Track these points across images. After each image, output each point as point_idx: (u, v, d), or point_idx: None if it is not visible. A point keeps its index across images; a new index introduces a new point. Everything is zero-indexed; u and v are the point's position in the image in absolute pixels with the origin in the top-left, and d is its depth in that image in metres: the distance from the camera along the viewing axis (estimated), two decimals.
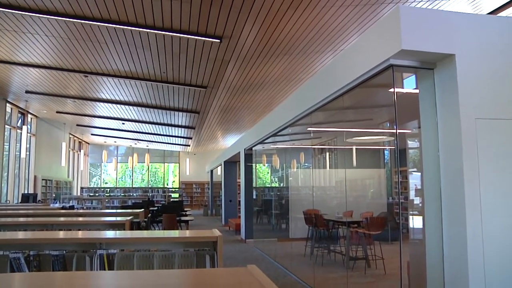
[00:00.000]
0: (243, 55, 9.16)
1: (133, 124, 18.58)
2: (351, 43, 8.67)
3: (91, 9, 7.21)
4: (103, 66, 10.39)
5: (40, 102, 15.42)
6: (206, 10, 7.04)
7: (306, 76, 10.92)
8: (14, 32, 8.40)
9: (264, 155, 12.88)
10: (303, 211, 8.73)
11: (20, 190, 17.06)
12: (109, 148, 28.54)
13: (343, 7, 7.02)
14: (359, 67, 4.34)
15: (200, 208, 26.89)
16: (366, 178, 10.15)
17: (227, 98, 13.04)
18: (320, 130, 8.21)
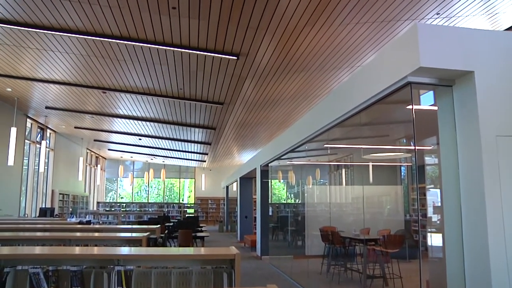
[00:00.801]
0: (259, 72, 9.22)
1: (150, 139, 18.72)
2: (367, 60, 8.68)
3: (111, 27, 7.34)
4: (121, 82, 10.53)
5: (59, 118, 15.65)
6: (224, 27, 7.12)
7: (323, 93, 10.93)
8: (37, 50, 8.58)
9: (279, 171, 12.87)
10: (319, 228, 8.67)
11: (38, 204, 17.24)
12: (125, 163, 28.76)
13: (359, 24, 7.05)
14: (377, 84, 4.33)
15: (215, 224, 26.84)
16: (382, 195, 10.05)
17: (244, 115, 13.09)
18: (337, 147, 8.20)
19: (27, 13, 6.94)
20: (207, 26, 7.11)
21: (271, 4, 6.33)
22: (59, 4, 6.58)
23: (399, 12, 6.64)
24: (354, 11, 6.55)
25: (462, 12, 6.80)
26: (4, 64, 9.64)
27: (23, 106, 13.82)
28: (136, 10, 6.65)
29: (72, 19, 7.07)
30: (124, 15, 6.85)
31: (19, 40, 8.13)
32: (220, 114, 13.06)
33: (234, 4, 6.36)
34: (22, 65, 9.61)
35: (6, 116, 13.49)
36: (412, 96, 3.88)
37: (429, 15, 6.82)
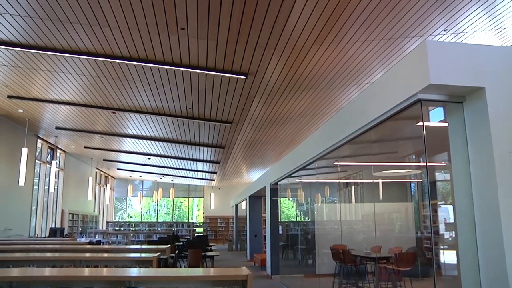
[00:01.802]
0: (268, 91, 9.26)
1: (159, 159, 18.77)
2: (375, 78, 8.70)
3: (121, 49, 7.43)
4: (130, 102, 10.61)
5: (69, 138, 15.77)
6: (232, 47, 7.18)
7: (331, 111, 10.94)
8: (48, 72, 8.69)
9: (288, 189, 12.80)
10: (330, 246, 8.58)
11: (48, 224, 17.27)
12: (134, 182, 28.82)
13: (367, 42, 7.08)
14: (386, 102, 4.33)
15: (224, 242, 26.70)
16: (393, 212, 9.96)
17: (252, 133, 13.11)
18: (347, 165, 8.16)
19: (39, 36, 7.05)
20: (215, 46, 7.17)
21: (279, 23, 6.39)
22: (70, 27, 6.68)
23: (407, 29, 6.67)
24: (362, 29, 6.59)
25: (470, 28, 6.81)
26: (16, 86, 9.77)
27: (34, 127, 13.95)
28: (146, 32, 6.74)
29: (83, 41, 7.17)
30: (133, 37, 6.93)
31: (31, 63, 8.25)
32: (228, 133, 13.10)
33: (243, 24, 6.42)
34: (34, 86, 9.73)
35: (18, 137, 13.62)
36: (423, 113, 3.87)
37: (436, 31, 6.84)
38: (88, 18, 6.37)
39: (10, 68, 8.63)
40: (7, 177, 13.28)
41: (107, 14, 6.25)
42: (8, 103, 11.25)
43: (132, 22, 6.45)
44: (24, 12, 6.27)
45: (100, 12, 6.18)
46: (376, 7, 5.93)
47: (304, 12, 6.08)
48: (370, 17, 6.23)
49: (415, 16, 6.26)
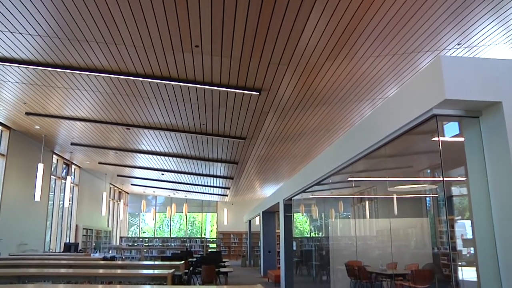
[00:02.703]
0: (281, 106, 9.29)
1: (172, 174, 18.84)
2: (388, 93, 8.68)
3: (135, 66, 7.53)
4: (144, 119, 10.71)
5: (84, 154, 15.93)
6: (246, 64, 7.24)
7: (345, 126, 10.92)
8: (64, 89, 8.82)
9: (302, 204, 12.75)
10: (344, 263, 8.50)
11: (63, 239, 17.37)
12: (147, 197, 28.92)
13: (380, 57, 7.08)
14: (401, 117, 4.31)
15: (238, 258, 26.58)
16: (408, 227, 9.84)
17: (266, 149, 13.13)
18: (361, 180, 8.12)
19: (57, 54, 7.18)
20: (229, 63, 7.23)
21: (293, 40, 6.43)
22: (86, 46, 6.79)
23: (420, 43, 6.66)
24: (375, 44, 6.61)
25: (484, 42, 6.78)
26: (34, 103, 9.93)
27: (50, 142, 14.13)
28: (160, 49, 6.83)
29: (98, 58, 7.29)
30: (148, 54, 7.02)
31: (48, 80, 8.38)
32: (242, 149, 13.12)
33: (256, 41, 6.48)
34: (50, 103, 9.88)
35: (34, 152, 13.79)
36: (438, 128, 3.85)
37: (450, 45, 6.83)
38: (104, 36, 6.48)
39: (28, 86, 8.78)
40: (23, 192, 13.43)
41: (123, 33, 6.35)
42: (26, 120, 11.44)
43: (147, 40, 6.54)
44: (43, 32, 6.40)
45: (116, 31, 6.28)
46: (389, 22, 5.95)
47: (317, 29, 6.12)
48: (383, 32, 6.25)
49: (428, 31, 6.25)
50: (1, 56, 7.40)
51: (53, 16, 5.95)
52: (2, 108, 10.50)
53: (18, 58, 7.45)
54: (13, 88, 9.00)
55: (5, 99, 9.80)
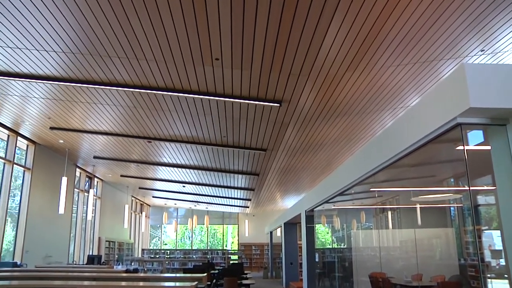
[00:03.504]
0: (302, 118, 9.28)
1: (193, 186, 18.91)
2: (410, 102, 8.60)
3: (156, 80, 7.62)
4: (166, 131, 10.80)
5: (106, 167, 16.12)
6: (266, 76, 7.26)
7: (365, 136, 10.84)
8: (87, 103, 8.96)
9: (323, 215, 12.66)
10: (368, 274, 8.38)
11: (86, 251, 17.55)
12: (169, 210, 29.05)
13: (401, 66, 7.03)
14: (424, 126, 4.26)
15: (259, 270, 26.45)
16: (432, 238, 9.67)
17: (286, 160, 13.10)
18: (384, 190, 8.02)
19: (80, 70, 7.32)
20: (249, 75, 7.27)
21: (313, 51, 6.44)
22: (108, 61, 6.91)
23: (442, 51, 6.58)
24: (395, 54, 6.56)
25: (509, 47, 6.66)
26: (58, 118, 10.11)
27: (73, 156, 14.34)
28: (181, 63, 6.90)
29: (120, 73, 7.40)
30: (169, 68, 7.11)
31: (71, 95, 8.53)
32: (263, 160, 13.12)
33: (276, 53, 6.50)
34: (73, 118, 10.04)
35: (58, 166, 14.02)
36: (463, 137, 3.79)
37: (473, 52, 6.73)
38: (126, 51, 6.58)
39: (52, 101, 8.95)
40: (48, 205, 13.64)
41: (144, 48, 6.44)
42: (50, 134, 11.65)
43: (168, 54, 6.62)
44: (67, 48, 6.54)
45: (137, 45, 6.38)
46: (409, 31, 5.91)
47: (337, 39, 6.12)
48: (403, 42, 6.20)
49: (450, 38, 6.18)
50: (28, 73, 7.58)
51: (77, 33, 6.08)
52: (28, 123, 10.72)
53: (44, 75, 7.61)
54: (38, 104, 9.19)
55: (30, 115, 10.01)
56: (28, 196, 12.56)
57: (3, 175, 11.68)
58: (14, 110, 9.78)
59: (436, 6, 5.31)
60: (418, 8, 5.34)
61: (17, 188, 12.66)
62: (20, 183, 12.72)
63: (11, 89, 8.39)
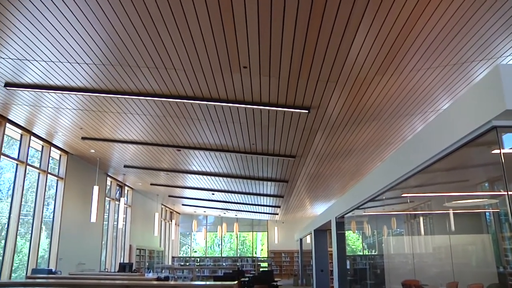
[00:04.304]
0: (331, 123, 9.20)
1: (222, 194, 18.97)
2: (440, 105, 8.44)
3: (185, 89, 7.69)
4: (195, 140, 10.88)
5: (136, 175, 16.32)
6: (294, 82, 7.24)
7: (395, 141, 10.68)
8: (117, 113, 9.11)
9: (353, 222, 12.50)
10: (401, 282, 8.21)
11: (117, 259, 17.78)
12: (198, 217, 29.20)
13: (431, 69, 6.90)
14: (457, 130, 4.16)
15: (289, 277, 26.29)
16: (467, 244, 9.41)
17: (315, 166, 13.01)
18: (416, 196, 7.87)
19: (110, 81, 7.45)
20: (277, 82, 7.26)
21: (341, 56, 6.38)
22: (138, 71, 7.01)
23: (473, 52, 6.43)
24: (425, 57, 6.44)
25: None
26: (89, 128, 10.31)
27: (104, 165, 14.59)
28: (209, 72, 6.94)
29: (149, 83, 7.49)
30: (197, 77, 7.16)
31: (102, 106, 8.69)
32: (292, 167, 13.07)
33: (304, 59, 6.48)
34: (104, 127, 10.22)
35: (90, 175, 14.28)
36: (499, 140, 3.67)
37: (507, 52, 6.53)
38: (155, 61, 6.66)
39: (84, 112, 9.14)
40: (80, 213, 13.90)
41: (173, 57, 6.51)
42: (82, 144, 11.88)
43: (197, 63, 6.67)
44: (98, 60, 6.67)
45: (166, 55, 6.45)
46: (439, 33, 5.79)
47: (365, 44, 6.05)
48: (433, 44, 6.09)
49: (482, 39, 6.02)
50: (61, 85, 7.76)
51: (107, 44, 6.20)
52: (61, 134, 10.97)
53: (76, 86, 7.78)
54: (71, 115, 9.39)
55: (63, 125, 10.24)
56: (61, 205, 12.83)
57: (38, 184, 11.97)
58: (48, 121, 10.02)
59: (467, 7, 5.19)
60: (448, 9, 5.24)
61: (51, 197, 12.94)
62: (54, 192, 13.00)
63: (45, 101, 8.60)
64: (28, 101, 8.69)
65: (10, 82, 7.79)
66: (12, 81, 7.75)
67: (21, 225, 10.93)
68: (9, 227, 10.48)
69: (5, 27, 5.88)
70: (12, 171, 10.93)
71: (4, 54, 6.70)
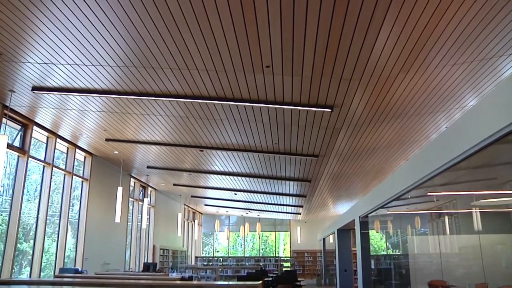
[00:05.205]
0: (354, 122, 9.12)
1: (245, 194, 18.99)
2: (466, 102, 8.28)
3: (208, 89, 7.70)
4: (217, 140, 10.91)
5: (159, 176, 16.46)
6: (317, 81, 7.19)
7: (419, 139, 10.53)
8: (140, 115, 9.19)
9: (377, 221, 12.37)
10: (427, 282, 8.08)
11: (141, 259, 17.96)
12: (221, 217, 29.31)
13: (457, 65, 6.77)
14: (486, 127, 4.07)
15: (312, 277, 26.19)
16: (495, 244, 9.21)
17: (338, 166, 12.92)
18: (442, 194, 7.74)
19: (133, 82, 7.52)
20: (300, 81, 7.22)
21: (364, 54, 6.32)
22: (161, 72, 7.05)
23: (502, 47, 6.25)
24: (450, 52, 6.32)
25: None
26: (113, 130, 10.43)
27: (127, 166, 14.74)
28: (232, 72, 6.94)
29: (172, 84, 7.53)
30: (220, 77, 7.17)
31: (125, 107, 8.78)
32: (315, 167, 13.00)
33: (327, 58, 6.43)
34: (128, 129, 10.32)
35: (114, 176, 14.46)
36: None
37: None
38: (177, 62, 6.70)
39: (107, 114, 9.24)
40: (105, 214, 14.08)
41: (195, 58, 6.53)
42: (106, 146, 12.03)
43: (219, 63, 6.68)
44: (121, 62, 6.73)
45: (188, 56, 6.47)
46: (465, 29, 5.67)
47: (389, 41, 5.97)
48: (459, 39, 5.96)
49: (511, 33, 5.88)
50: (85, 88, 7.86)
51: (130, 46, 6.25)
52: (85, 135, 11.12)
53: (99, 89, 7.87)
54: (95, 117, 9.51)
55: (88, 127, 10.38)
56: (86, 206, 13.01)
57: (63, 185, 12.17)
58: (73, 124, 10.17)
59: (495, 1, 5.08)
60: (475, 4, 5.13)
61: (76, 198, 13.14)
62: (79, 193, 13.20)
63: (70, 103, 8.73)
64: (53, 104, 8.84)
65: (37, 86, 7.94)
66: (39, 85, 7.90)
67: (48, 225, 11.12)
68: (37, 228, 10.69)
69: (32, 32, 5.98)
70: (39, 173, 11.13)
71: (32, 59, 6.83)
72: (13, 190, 9.80)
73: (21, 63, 7.00)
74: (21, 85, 7.92)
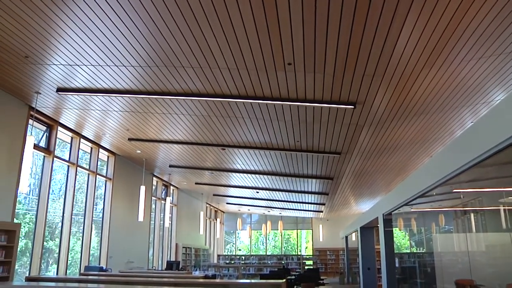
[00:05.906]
0: (377, 119, 9.02)
1: (267, 192, 18.98)
2: (492, 97, 8.11)
3: (229, 87, 7.71)
4: (239, 138, 10.91)
5: (181, 175, 16.56)
6: (339, 78, 7.12)
7: (443, 135, 10.36)
8: (163, 114, 9.25)
9: (400, 219, 12.21)
10: (454, 281, 7.94)
11: (164, 257, 18.11)
12: (243, 216, 29.35)
13: (482, 59, 6.62)
14: None
15: (335, 275, 26.03)
16: None
17: (361, 163, 12.81)
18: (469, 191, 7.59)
19: (155, 82, 7.57)
20: (322, 78, 7.16)
21: (387, 50, 6.23)
22: (182, 71, 7.08)
23: None
24: (476, 46, 6.19)
25: None
26: (136, 129, 10.52)
27: (150, 165, 14.87)
28: (253, 70, 6.93)
29: (194, 83, 7.56)
30: (242, 75, 7.17)
31: (147, 107, 8.84)
32: (337, 164, 12.91)
33: (349, 54, 6.36)
34: (150, 128, 10.40)
35: (136, 175, 14.60)
36: None
37: None
38: (199, 61, 6.71)
39: (130, 114, 9.33)
40: (128, 213, 14.22)
41: (217, 56, 6.53)
42: (129, 145, 12.15)
43: (241, 61, 6.67)
44: (143, 62, 6.78)
45: (210, 55, 6.48)
46: (492, 22, 5.54)
47: (413, 36, 5.88)
48: (485, 33, 5.82)
49: None
50: (108, 88, 7.94)
51: (152, 46, 6.29)
52: (108, 135, 11.25)
53: (122, 89, 7.95)
54: (118, 117, 9.61)
55: (111, 127, 10.49)
56: (110, 205, 13.17)
57: (87, 185, 12.33)
58: (96, 124, 10.30)
59: None
60: None
61: (99, 197, 13.30)
62: (102, 193, 13.36)
63: (93, 104, 8.84)
64: (77, 104, 8.96)
65: (61, 87, 8.06)
66: (63, 86, 8.02)
67: (72, 224, 11.29)
68: (63, 226, 10.87)
69: (57, 34, 6.07)
70: (63, 173, 11.30)
71: (57, 61, 6.93)
72: (40, 189, 9.99)
73: (46, 65, 7.11)
74: (46, 86, 8.05)
